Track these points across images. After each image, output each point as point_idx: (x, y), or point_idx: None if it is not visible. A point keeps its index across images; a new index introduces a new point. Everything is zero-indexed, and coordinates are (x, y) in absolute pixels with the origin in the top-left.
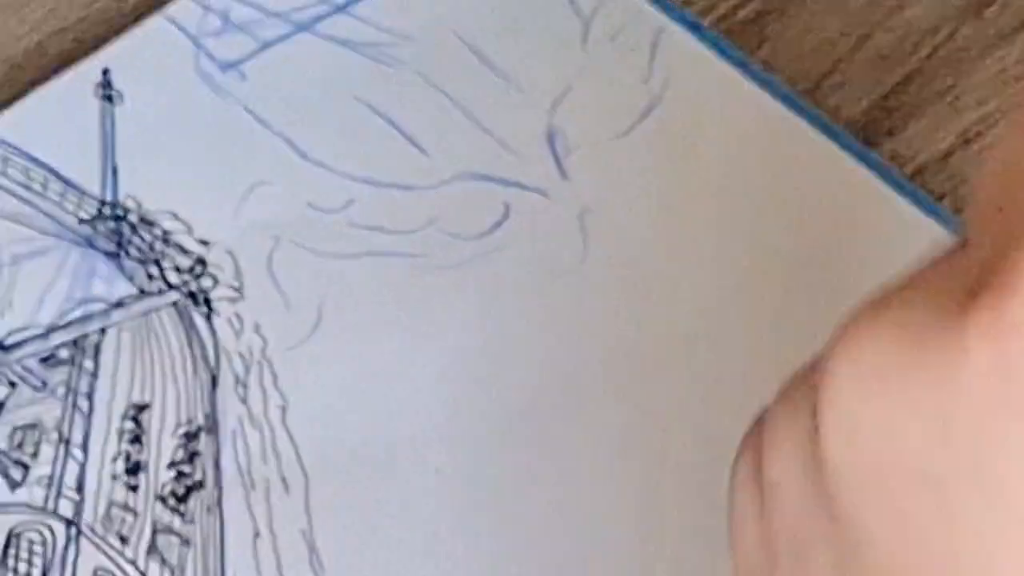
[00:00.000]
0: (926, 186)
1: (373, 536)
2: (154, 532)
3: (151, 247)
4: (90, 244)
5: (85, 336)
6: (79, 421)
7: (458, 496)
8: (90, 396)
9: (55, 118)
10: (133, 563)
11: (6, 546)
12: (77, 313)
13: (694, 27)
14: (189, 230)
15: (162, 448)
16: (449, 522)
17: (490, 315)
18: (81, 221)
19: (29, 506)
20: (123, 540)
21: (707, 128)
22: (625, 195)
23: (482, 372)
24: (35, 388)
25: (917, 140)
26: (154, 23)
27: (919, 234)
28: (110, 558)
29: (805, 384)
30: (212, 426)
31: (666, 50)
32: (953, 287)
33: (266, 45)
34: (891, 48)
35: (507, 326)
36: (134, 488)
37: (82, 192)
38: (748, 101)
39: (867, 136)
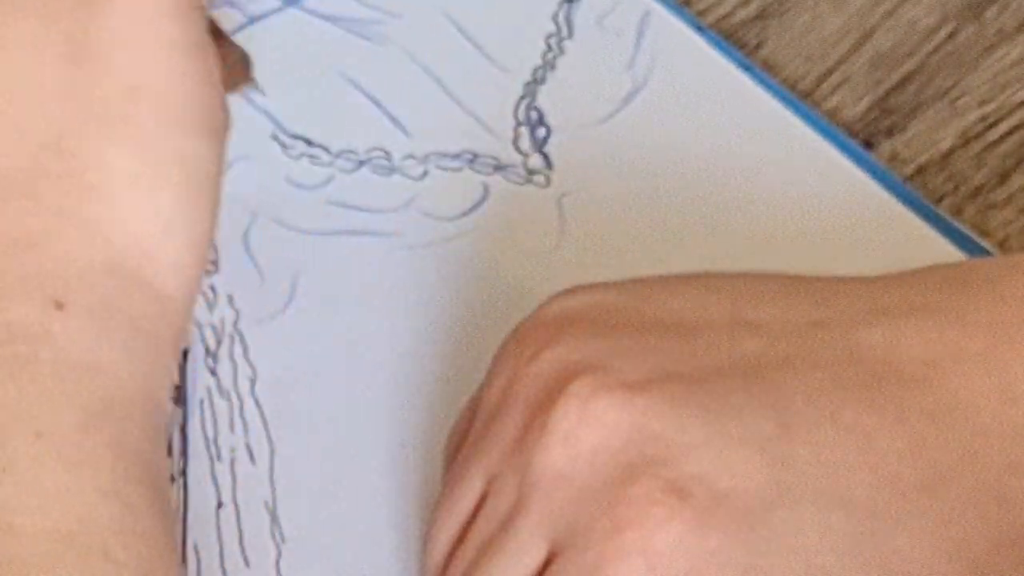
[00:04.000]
0: (926, 186)
1: (336, 508)
2: None
3: None
4: None
5: None
6: None
7: (423, 471)
8: None
9: None
10: None
11: None
12: None
13: (680, 14)
14: None
15: None
16: (413, 497)
17: (463, 295)
18: None
19: None
20: None
21: (690, 116)
22: (604, 180)
23: (452, 350)
24: None
25: (917, 140)
26: None
27: (912, 236)
28: None
29: None
30: (180, 396)
31: (651, 36)
32: None
33: (253, 19)
34: (891, 48)
35: (480, 306)
36: None
37: None
38: (732, 90)
39: (867, 136)
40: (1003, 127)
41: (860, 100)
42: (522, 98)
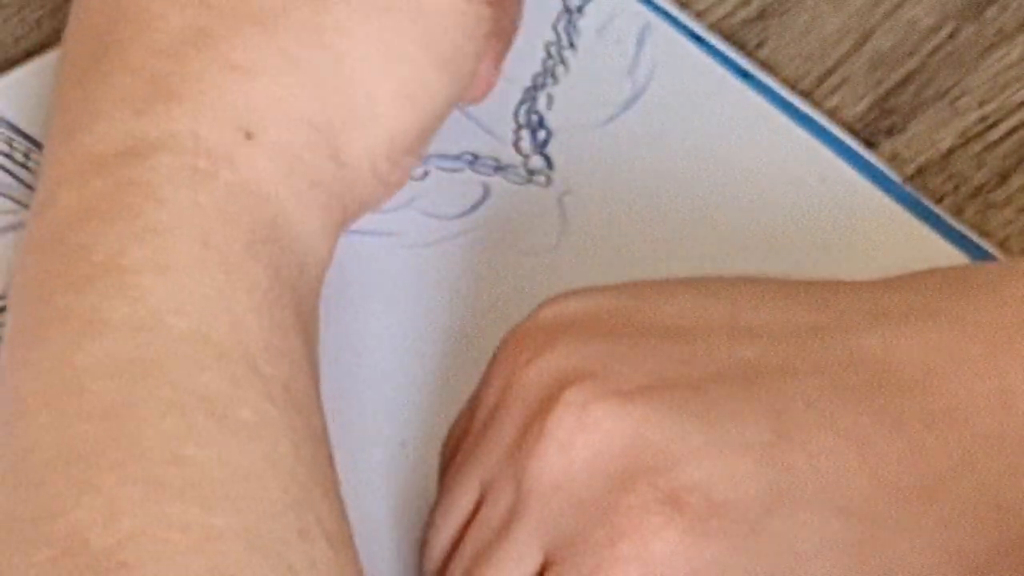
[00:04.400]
0: (926, 186)
1: None
2: None
3: None
4: None
5: None
6: None
7: (422, 471)
8: None
9: (41, 91)
10: None
11: None
12: None
13: (680, 23)
14: None
15: None
16: (413, 497)
17: (463, 295)
18: None
19: None
20: None
21: (690, 120)
22: (605, 181)
23: (451, 350)
24: None
25: (917, 140)
26: None
27: (912, 238)
28: None
29: None
30: None
31: (651, 45)
32: None
33: None
34: (891, 48)
35: (480, 306)
36: None
37: None
38: (731, 95)
39: (867, 136)
40: (1003, 127)
41: (860, 100)
42: (522, 102)
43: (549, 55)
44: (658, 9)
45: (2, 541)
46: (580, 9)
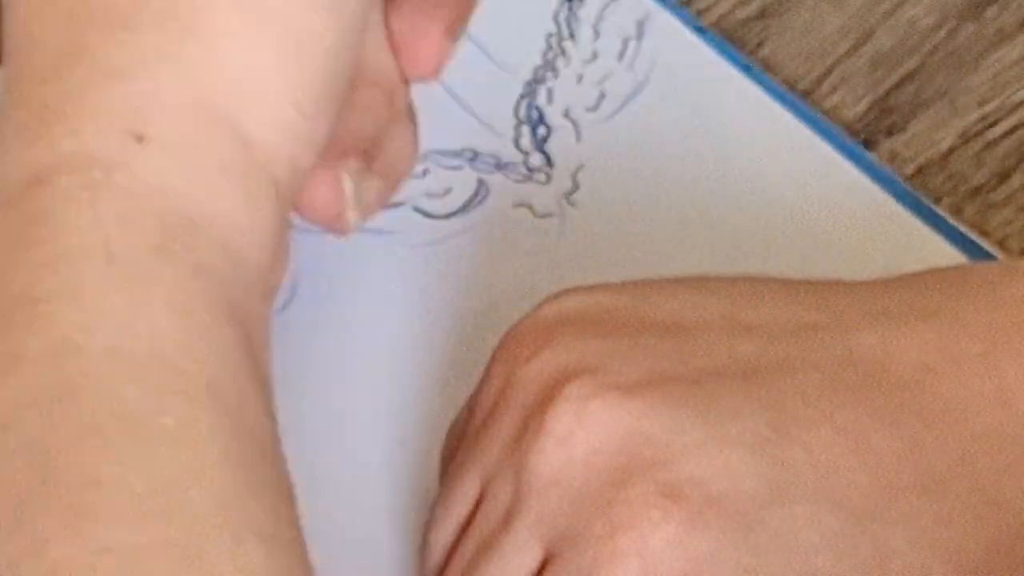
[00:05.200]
0: (926, 186)
1: (334, 507)
2: None
3: None
4: None
5: None
6: None
7: (422, 471)
8: None
9: None
10: None
11: None
12: None
13: (680, 15)
14: None
15: None
16: (412, 497)
17: (463, 294)
18: None
19: None
20: None
21: (690, 116)
22: (605, 179)
23: (451, 349)
24: None
25: (917, 140)
26: None
27: (911, 237)
28: None
29: None
30: None
31: (651, 38)
32: None
33: None
34: (891, 48)
35: (480, 305)
36: None
37: None
38: (732, 90)
39: (867, 136)
40: (1003, 127)
41: (860, 100)
42: (523, 97)
43: (550, 47)
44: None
45: None
46: None
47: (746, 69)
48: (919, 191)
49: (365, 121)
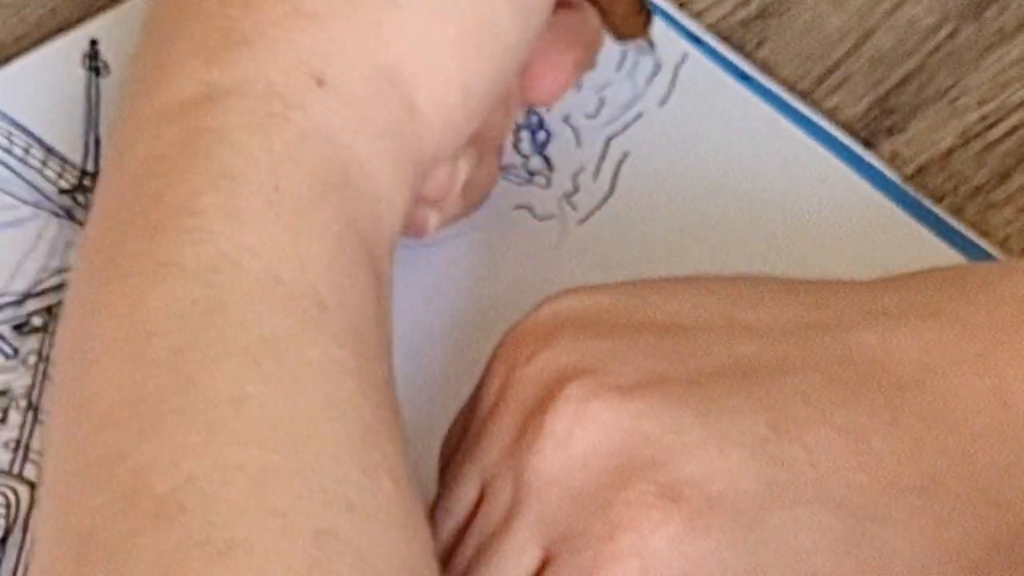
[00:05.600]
0: (926, 186)
1: None
2: None
3: None
4: (69, 216)
5: (59, 304)
6: (49, 389)
7: (422, 470)
8: None
9: (41, 85)
10: None
11: None
12: (52, 282)
13: (680, 24)
14: None
15: None
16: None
17: (463, 295)
18: (62, 191)
19: None
20: None
21: (690, 121)
22: (605, 182)
23: (451, 350)
24: (6, 356)
25: (917, 140)
26: None
27: (911, 239)
28: None
29: None
30: None
31: (662, 50)
32: None
33: None
34: (891, 48)
35: (480, 306)
36: None
37: (64, 161)
38: (732, 96)
39: (867, 136)
40: (1003, 127)
41: (860, 100)
42: None
43: None
44: (665, 14)
45: (67, 485)
46: None
47: (745, 78)
48: (919, 191)
49: (487, 126)
